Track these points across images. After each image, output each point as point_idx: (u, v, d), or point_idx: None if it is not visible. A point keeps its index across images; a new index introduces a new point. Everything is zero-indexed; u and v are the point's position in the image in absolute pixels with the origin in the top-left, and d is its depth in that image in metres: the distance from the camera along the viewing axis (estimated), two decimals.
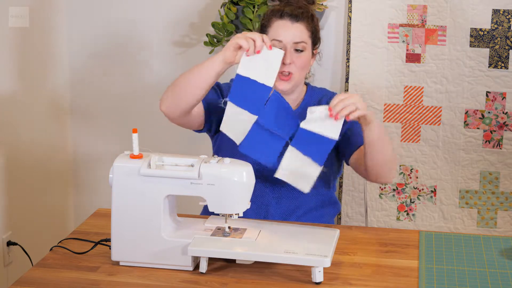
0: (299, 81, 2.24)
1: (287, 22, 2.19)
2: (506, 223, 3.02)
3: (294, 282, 1.79)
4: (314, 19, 2.24)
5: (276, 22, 2.20)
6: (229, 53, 2.01)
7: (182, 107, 2.11)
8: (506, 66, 2.93)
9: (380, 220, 3.12)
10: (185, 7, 3.16)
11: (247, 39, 1.98)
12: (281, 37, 2.18)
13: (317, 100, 2.30)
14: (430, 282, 1.78)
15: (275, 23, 2.20)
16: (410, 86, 3.01)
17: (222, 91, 2.29)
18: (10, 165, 2.94)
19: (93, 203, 3.20)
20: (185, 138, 3.20)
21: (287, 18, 2.19)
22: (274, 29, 2.20)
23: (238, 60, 2.01)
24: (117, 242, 1.86)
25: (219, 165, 1.82)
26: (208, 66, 2.04)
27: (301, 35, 2.19)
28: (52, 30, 3.20)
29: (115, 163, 1.85)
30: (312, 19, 2.23)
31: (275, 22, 2.20)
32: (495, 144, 2.98)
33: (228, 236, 1.87)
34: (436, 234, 2.08)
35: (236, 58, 2.01)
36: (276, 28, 2.20)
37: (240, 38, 1.98)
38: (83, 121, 3.35)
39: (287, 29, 2.18)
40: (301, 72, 2.21)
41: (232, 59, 2.01)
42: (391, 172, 2.18)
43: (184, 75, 2.10)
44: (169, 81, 3.22)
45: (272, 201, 2.25)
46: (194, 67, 2.08)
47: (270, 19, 2.22)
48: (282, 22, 2.19)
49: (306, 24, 2.20)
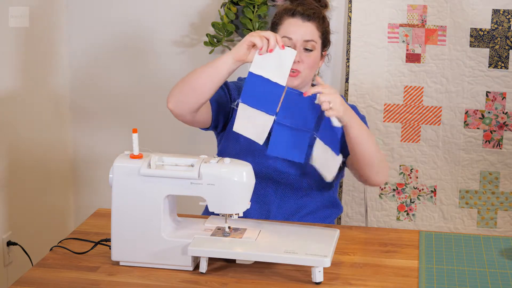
0: (307, 80, 2.24)
1: (298, 21, 2.21)
2: (506, 223, 3.02)
3: (294, 282, 1.79)
4: (325, 21, 2.27)
5: (288, 20, 2.22)
6: (242, 51, 1.99)
7: (190, 105, 2.10)
8: (506, 66, 2.93)
9: (380, 220, 3.12)
10: (185, 7, 3.16)
11: (261, 37, 1.97)
12: (291, 34, 2.19)
13: None
14: (430, 282, 1.78)
15: (286, 21, 2.22)
16: (410, 86, 3.02)
17: (230, 89, 2.29)
18: (10, 165, 2.94)
19: (93, 203, 3.20)
20: (185, 138, 3.20)
21: (298, 16, 2.21)
22: (285, 27, 2.21)
23: (251, 59, 1.99)
24: (117, 242, 1.86)
25: (219, 165, 1.82)
26: (220, 64, 2.03)
27: (311, 34, 2.20)
28: (52, 30, 3.20)
29: (115, 163, 1.85)
30: (323, 21, 2.25)
31: (286, 20, 2.22)
32: (495, 144, 2.98)
33: (228, 236, 1.87)
34: (436, 234, 2.08)
35: (249, 57, 2.00)
36: (287, 25, 2.21)
37: (254, 36, 1.97)
38: (83, 121, 3.35)
39: (298, 27, 2.20)
40: (309, 71, 2.22)
41: (244, 57, 2.00)
42: (378, 175, 2.16)
43: (195, 73, 2.07)
44: (169, 81, 3.23)
45: (275, 201, 2.25)
46: (204, 65, 2.06)
47: (281, 17, 2.24)
48: (293, 20, 2.21)
49: (317, 24, 2.22)
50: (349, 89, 3.04)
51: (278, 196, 2.25)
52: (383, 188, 3.09)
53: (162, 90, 3.26)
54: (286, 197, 2.25)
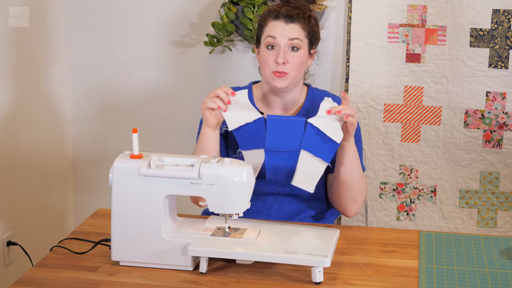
0: (296, 80, 2.22)
1: (281, 23, 2.19)
2: (506, 223, 3.02)
3: (294, 282, 1.79)
4: (311, 20, 2.23)
5: (271, 22, 2.20)
6: (210, 118, 2.09)
7: None
8: (506, 66, 2.93)
9: (380, 220, 3.12)
10: (185, 7, 3.16)
11: (212, 99, 2.05)
12: (275, 34, 2.18)
13: (318, 103, 2.28)
14: (430, 282, 1.78)
15: (270, 23, 2.20)
16: (410, 86, 3.01)
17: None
18: (10, 165, 2.94)
19: (93, 203, 3.20)
20: (185, 138, 3.20)
21: (282, 18, 2.19)
22: (268, 28, 2.20)
23: (220, 118, 2.09)
24: (117, 242, 1.86)
25: (219, 165, 1.82)
26: (204, 137, 2.13)
27: (296, 33, 2.18)
28: (52, 30, 3.20)
29: (115, 163, 1.85)
30: (309, 20, 2.22)
31: (270, 22, 2.21)
32: (495, 144, 2.98)
33: (228, 236, 1.87)
34: (436, 234, 2.08)
35: (219, 118, 2.09)
36: (271, 27, 2.20)
37: (206, 102, 2.06)
38: (83, 121, 3.35)
39: (281, 29, 2.18)
40: (297, 71, 2.20)
41: (216, 121, 2.10)
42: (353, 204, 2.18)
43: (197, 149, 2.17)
44: (169, 81, 3.24)
45: (273, 205, 2.25)
46: (197, 143, 2.17)
47: (266, 19, 2.23)
48: (277, 22, 2.19)
49: (301, 24, 2.20)
50: (349, 89, 3.04)
51: (277, 201, 2.25)
52: (383, 188, 3.09)
53: (162, 90, 3.26)
54: (285, 201, 2.25)
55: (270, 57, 2.17)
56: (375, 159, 3.06)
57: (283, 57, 2.15)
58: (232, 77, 3.15)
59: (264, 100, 2.28)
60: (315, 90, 2.33)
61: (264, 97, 2.28)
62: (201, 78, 3.20)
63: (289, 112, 2.28)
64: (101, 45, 3.27)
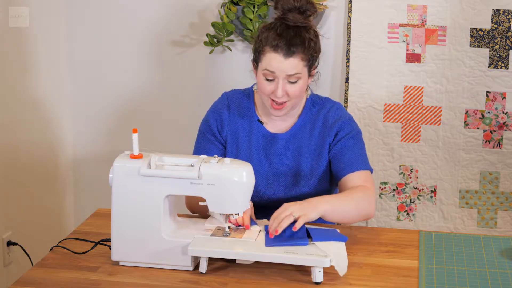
0: (295, 106, 2.18)
1: (280, 57, 2.08)
2: (506, 223, 3.02)
3: (294, 282, 1.79)
4: (311, 44, 2.11)
5: (270, 54, 2.08)
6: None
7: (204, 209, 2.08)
8: (506, 66, 2.93)
9: (380, 220, 3.12)
10: (185, 7, 3.16)
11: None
12: (273, 68, 2.08)
13: (314, 114, 2.24)
14: (430, 282, 1.78)
15: (268, 55, 2.09)
16: (410, 86, 3.01)
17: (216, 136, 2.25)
18: (10, 165, 2.94)
19: (93, 203, 3.20)
20: (185, 138, 3.20)
21: (280, 52, 2.07)
22: (267, 60, 2.10)
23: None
24: (117, 242, 1.86)
25: (219, 165, 1.82)
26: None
27: (295, 68, 2.09)
28: (52, 30, 3.20)
29: (115, 163, 1.85)
30: (309, 46, 2.10)
31: (267, 53, 2.09)
32: (495, 144, 2.98)
33: (228, 236, 1.87)
34: (436, 234, 2.08)
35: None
36: (269, 59, 2.09)
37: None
38: (83, 121, 3.35)
39: (280, 64, 2.08)
40: (296, 99, 2.14)
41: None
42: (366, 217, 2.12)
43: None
44: (169, 81, 3.24)
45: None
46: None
47: (264, 47, 2.10)
48: (275, 55, 2.08)
49: (301, 55, 2.09)
50: (349, 89, 3.04)
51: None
52: (383, 188, 3.09)
53: (162, 90, 3.26)
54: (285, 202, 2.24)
55: (269, 87, 2.10)
56: (375, 159, 3.06)
57: (281, 91, 2.09)
58: (232, 77, 3.15)
59: (264, 107, 2.24)
60: (314, 101, 2.26)
61: (264, 106, 2.24)
62: (201, 78, 3.20)
63: (288, 121, 2.23)
64: (101, 45, 3.27)
